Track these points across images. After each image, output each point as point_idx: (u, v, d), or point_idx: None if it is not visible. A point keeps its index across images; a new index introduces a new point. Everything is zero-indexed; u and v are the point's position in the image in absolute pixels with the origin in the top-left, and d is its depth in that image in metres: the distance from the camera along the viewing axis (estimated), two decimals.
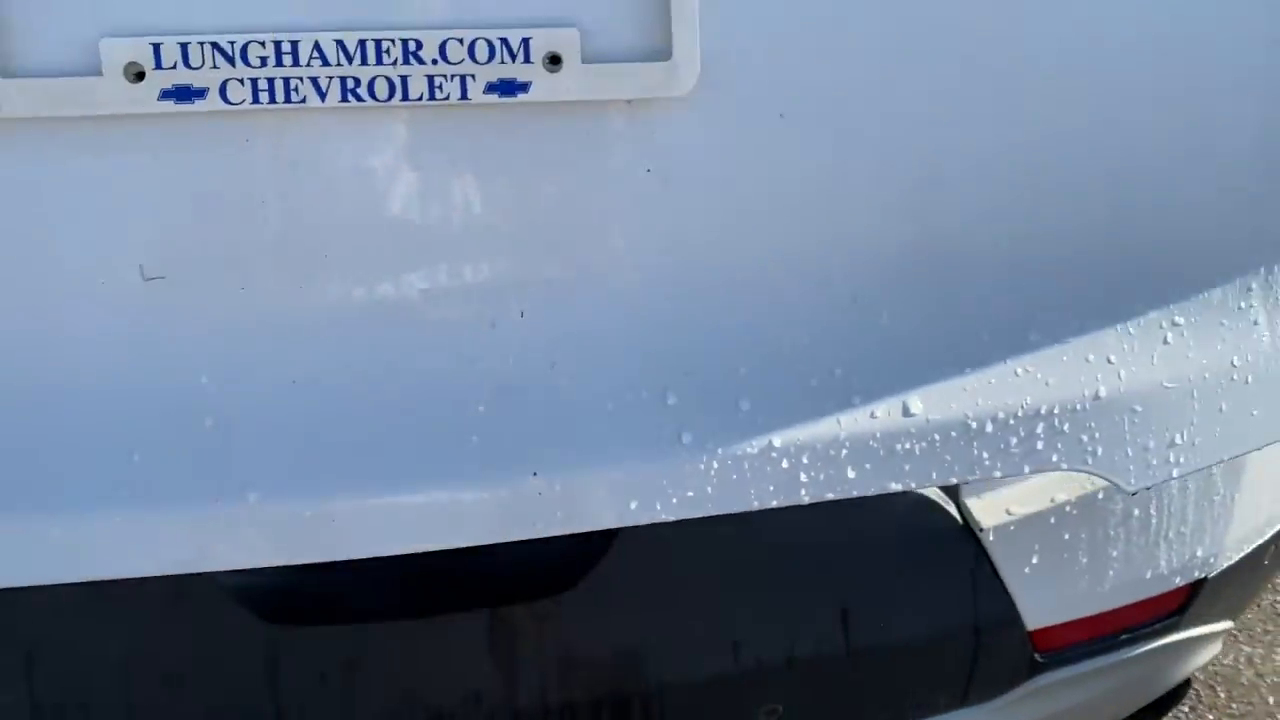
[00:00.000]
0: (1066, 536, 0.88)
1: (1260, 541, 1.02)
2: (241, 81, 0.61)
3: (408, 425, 0.65)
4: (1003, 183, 0.73)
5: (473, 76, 0.63)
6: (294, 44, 0.61)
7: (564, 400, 0.67)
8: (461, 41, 0.62)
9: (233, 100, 0.61)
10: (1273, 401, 0.80)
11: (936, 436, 0.71)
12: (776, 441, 0.69)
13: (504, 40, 0.63)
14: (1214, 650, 1.14)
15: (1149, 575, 0.93)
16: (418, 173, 0.65)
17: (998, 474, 0.73)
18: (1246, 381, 0.79)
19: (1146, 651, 0.99)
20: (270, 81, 0.61)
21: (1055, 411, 0.73)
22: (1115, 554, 0.90)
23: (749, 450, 0.68)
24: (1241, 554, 1.00)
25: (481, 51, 0.63)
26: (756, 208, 0.69)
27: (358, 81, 0.62)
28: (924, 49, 0.69)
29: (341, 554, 0.64)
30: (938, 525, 0.84)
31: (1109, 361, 0.76)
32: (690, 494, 0.67)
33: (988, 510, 0.86)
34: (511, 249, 0.67)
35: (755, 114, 0.67)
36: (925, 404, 0.72)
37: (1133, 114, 0.75)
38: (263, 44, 0.61)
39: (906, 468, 0.71)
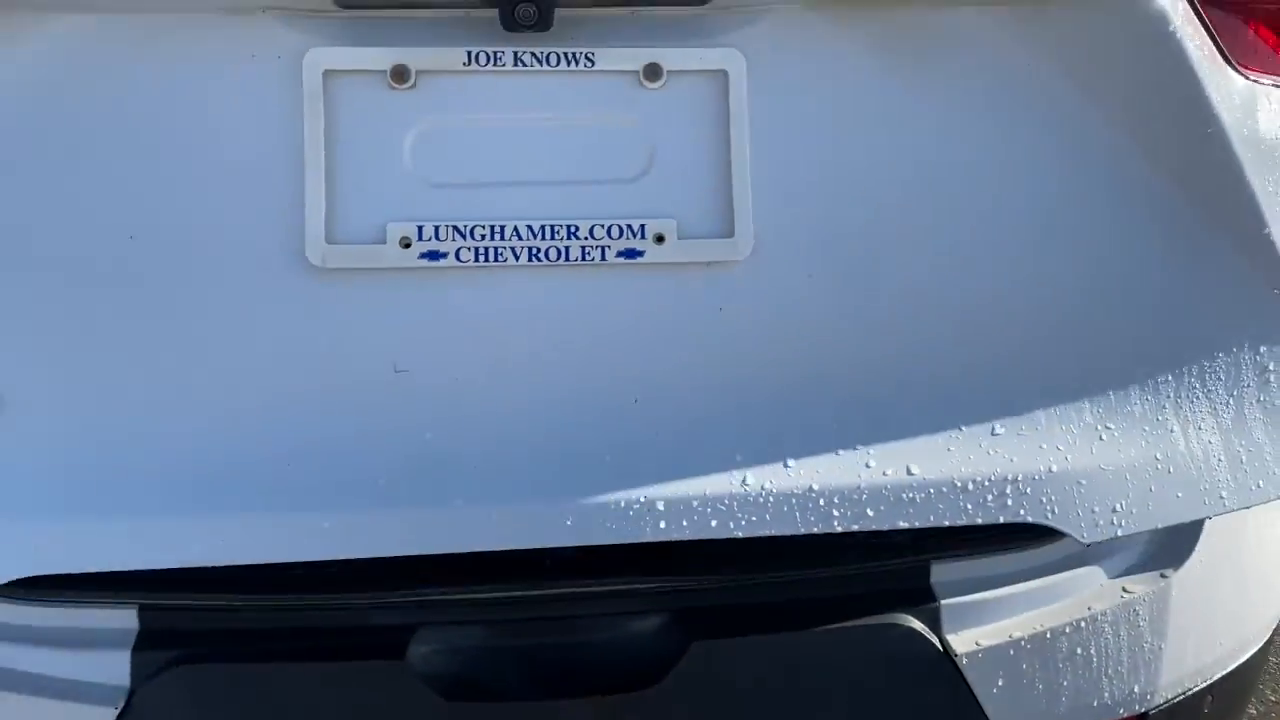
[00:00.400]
0: (1024, 666, 1.10)
1: (1193, 689, 1.20)
2: (469, 249, 0.99)
3: (564, 466, 0.97)
4: (971, 331, 1.07)
5: (609, 247, 1.01)
6: (501, 227, 1.00)
7: (664, 454, 0.98)
8: (603, 226, 1.00)
9: (462, 260, 0.99)
10: (1190, 488, 1.07)
11: (931, 490, 1.00)
12: (815, 486, 0.98)
13: (629, 225, 1.01)
14: None
15: (1095, 704, 1.12)
16: (574, 305, 1.01)
17: (979, 520, 1.00)
18: (1169, 472, 1.07)
19: None
20: (486, 249, 0.99)
21: (1019, 479, 1.02)
22: (1065, 683, 1.11)
23: (795, 491, 0.97)
24: (1177, 695, 1.18)
25: (614, 233, 1.01)
26: (791, 333, 1.03)
27: (539, 249, 1.00)
28: (900, 244, 1.06)
29: (522, 544, 0.94)
30: (925, 651, 1.06)
31: (1058, 449, 1.05)
32: (753, 518, 0.96)
33: (961, 642, 1.08)
34: (630, 357, 1.01)
35: (790, 272, 1.03)
36: (922, 468, 1.01)
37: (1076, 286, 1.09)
38: (482, 227, 0.99)
39: (910, 511, 0.99)
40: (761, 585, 1.05)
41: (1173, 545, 1.20)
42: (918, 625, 1.06)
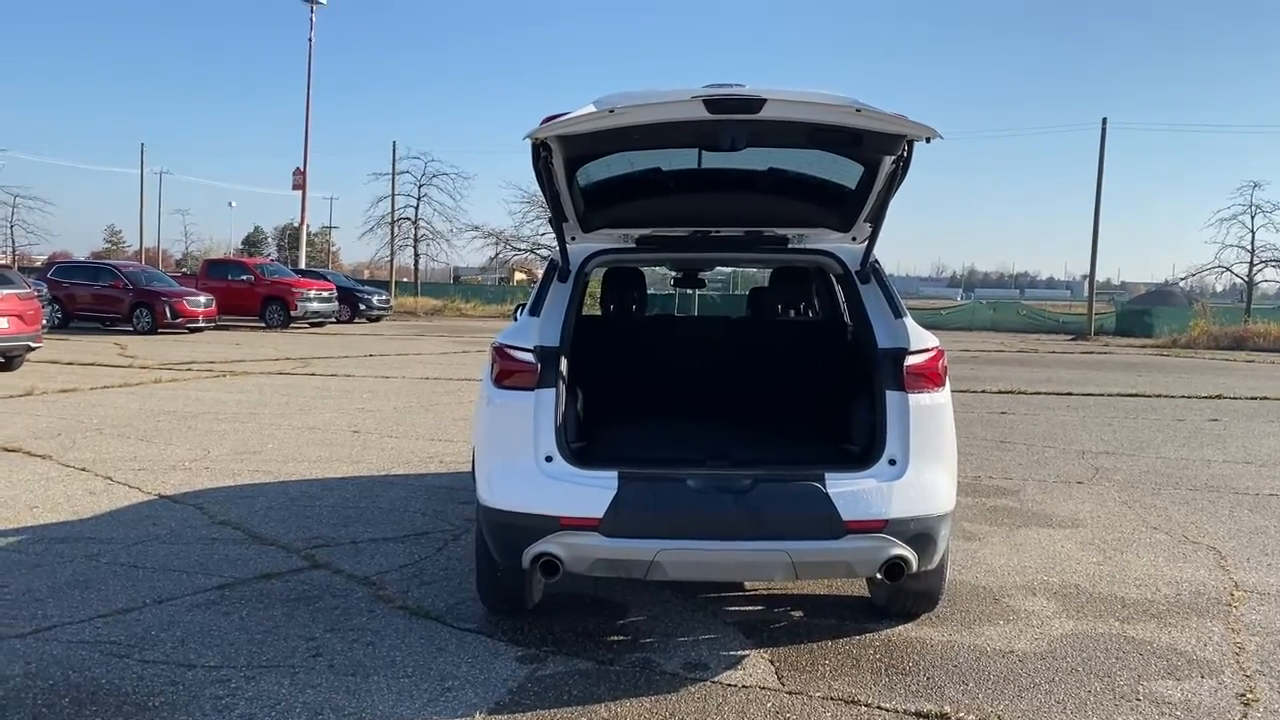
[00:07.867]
0: (848, 496, 4.02)
1: (903, 516, 4.00)
2: None
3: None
4: None
5: None
6: None
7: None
8: None
9: None
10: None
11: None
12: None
13: None
14: None
15: (872, 511, 3.97)
16: None
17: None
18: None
19: None
20: None
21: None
22: (862, 504, 3.99)
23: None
24: (898, 517, 3.99)
25: None
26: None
27: None
28: None
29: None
30: (819, 488, 4.02)
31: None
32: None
33: (830, 484, 4.01)
34: None
35: None
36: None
37: None
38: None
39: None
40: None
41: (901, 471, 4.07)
42: (817, 483, 4.01)
